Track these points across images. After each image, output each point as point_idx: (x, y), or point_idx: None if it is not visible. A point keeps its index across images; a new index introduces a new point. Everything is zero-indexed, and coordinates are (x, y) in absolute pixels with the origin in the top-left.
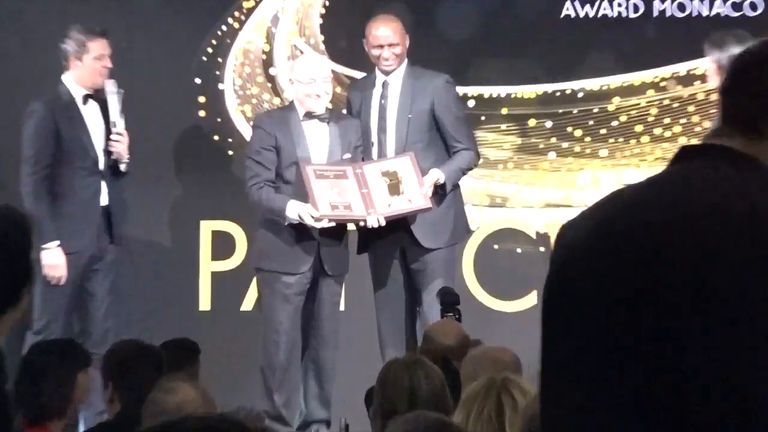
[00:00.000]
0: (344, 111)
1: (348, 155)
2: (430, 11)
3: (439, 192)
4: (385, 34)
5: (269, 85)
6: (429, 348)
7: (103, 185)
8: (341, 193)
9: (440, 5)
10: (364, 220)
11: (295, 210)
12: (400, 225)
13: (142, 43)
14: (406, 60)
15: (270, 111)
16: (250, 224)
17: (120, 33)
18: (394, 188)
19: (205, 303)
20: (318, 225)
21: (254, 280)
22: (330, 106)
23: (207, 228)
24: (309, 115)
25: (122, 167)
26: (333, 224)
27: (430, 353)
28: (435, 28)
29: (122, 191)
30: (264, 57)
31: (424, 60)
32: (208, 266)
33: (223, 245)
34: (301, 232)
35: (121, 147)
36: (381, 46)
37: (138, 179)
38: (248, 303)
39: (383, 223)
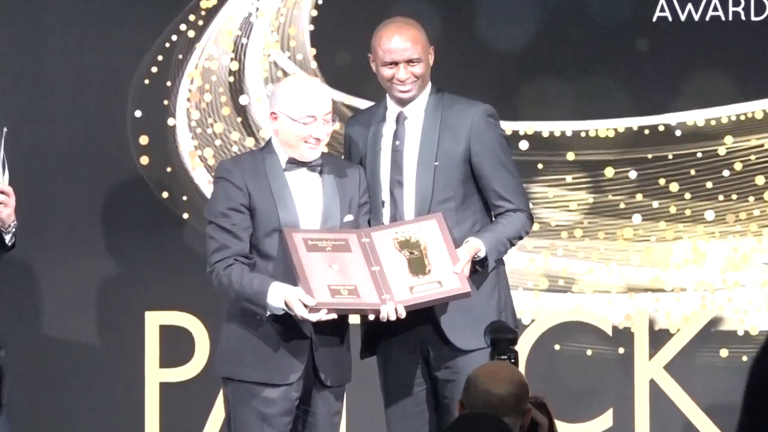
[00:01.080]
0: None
1: (350, 217)
2: (467, 12)
3: (478, 270)
4: (401, 47)
5: (239, 119)
6: (472, 401)
7: None
8: (343, 271)
9: (480, 2)
10: (377, 311)
11: (280, 296)
12: (422, 317)
13: (56, 56)
14: (429, 83)
15: (238, 157)
16: (214, 317)
17: (25, 39)
18: (417, 265)
19: (152, 426)
20: (313, 318)
21: (221, 394)
22: (325, 149)
23: (154, 322)
24: (294, 163)
25: (7, 239)
26: (333, 316)
27: (474, 407)
28: (473, 36)
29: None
30: (231, 80)
31: (457, 83)
32: (155, 375)
33: (176, 346)
34: (288, 327)
35: (3, 210)
36: (394, 64)
37: (48, 255)
38: (213, 426)
39: (403, 314)
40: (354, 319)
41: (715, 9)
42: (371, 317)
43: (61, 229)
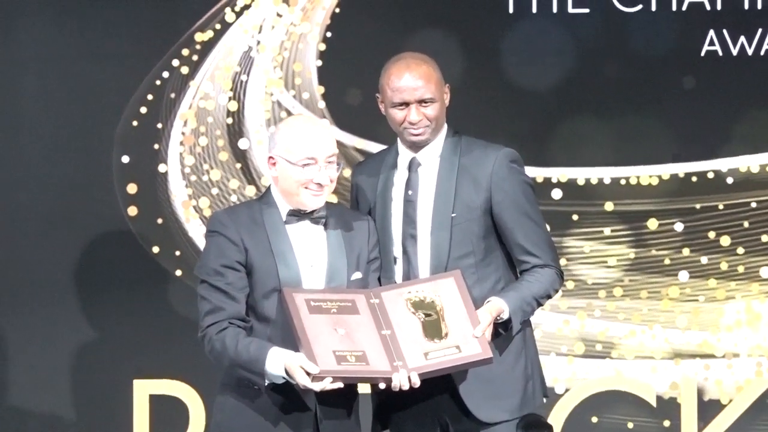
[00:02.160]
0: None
1: (358, 275)
2: (492, 46)
3: (501, 333)
4: (412, 85)
5: (238, 165)
6: None
7: None
8: (350, 336)
9: (506, 34)
10: (388, 379)
11: (279, 363)
12: (440, 385)
13: (33, 96)
14: (445, 126)
15: (233, 208)
16: (210, 386)
17: (0, 76)
18: (433, 328)
19: None
20: (317, 387)
21: None
22: (333, 198)
23: (143, 391)
24: (296, 215)
25: None
26: (339, 385)
27: None
28: (498, 72)
29: None
30: (230, 121)
31: (480, 125)
32: None
33: (168, 418)
34: (289, 398)
35: None
36: (405, 105)
37: (21, 317)
38: None
39: (417, 383)
40: (364, 389)
41: None
42: (382, 386)
43: (36, 288)
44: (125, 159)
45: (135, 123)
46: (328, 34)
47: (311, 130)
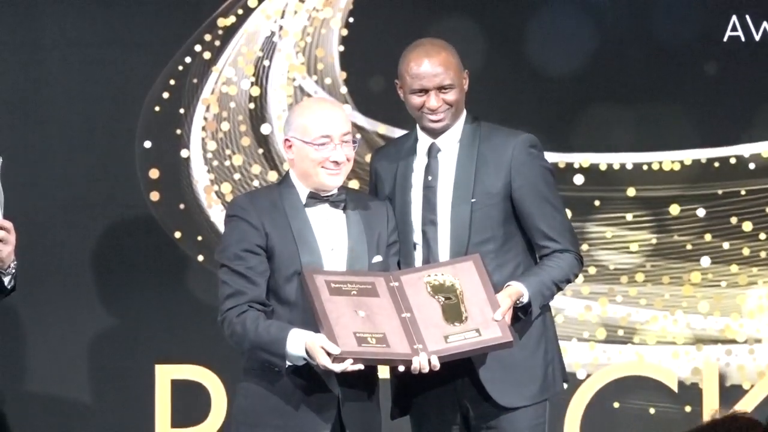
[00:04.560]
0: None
1: (378, 258)
2: (513, 32)
3: (521, 317)
4: (431, 72)
5: (260, 151)
6: None
7: None
8: (371, 318)
9: (528, 20)
10: (408, 362)
11: (300, 343)
12: (460, 370)
13: (56, 81)
14: (464, 112)
15: (253, 193)
16: (231, 371)
17: (21, 62)
18: (453, 311)
19: None
20: (337, 368)
21: None
22: (356, 184)
23: (165, 376)
24: (315, 198)
25: (6, 281)
26: (360, 367)
27: None
28: (520, 58)
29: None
30: (252, 106)
31: (502, 111)
32: None
33: (190, 403)
34: (311, 381)
35: (3, 249)
36: (424, 91)
37: (43, 302)
38: None
39: (437, 366)
40: (382, 374)
41: None
42: (401, 369)
43: (58, 274)
44: (147, 144)
45: (157, 108)
46: (351, 20)
47: (325, 109)
